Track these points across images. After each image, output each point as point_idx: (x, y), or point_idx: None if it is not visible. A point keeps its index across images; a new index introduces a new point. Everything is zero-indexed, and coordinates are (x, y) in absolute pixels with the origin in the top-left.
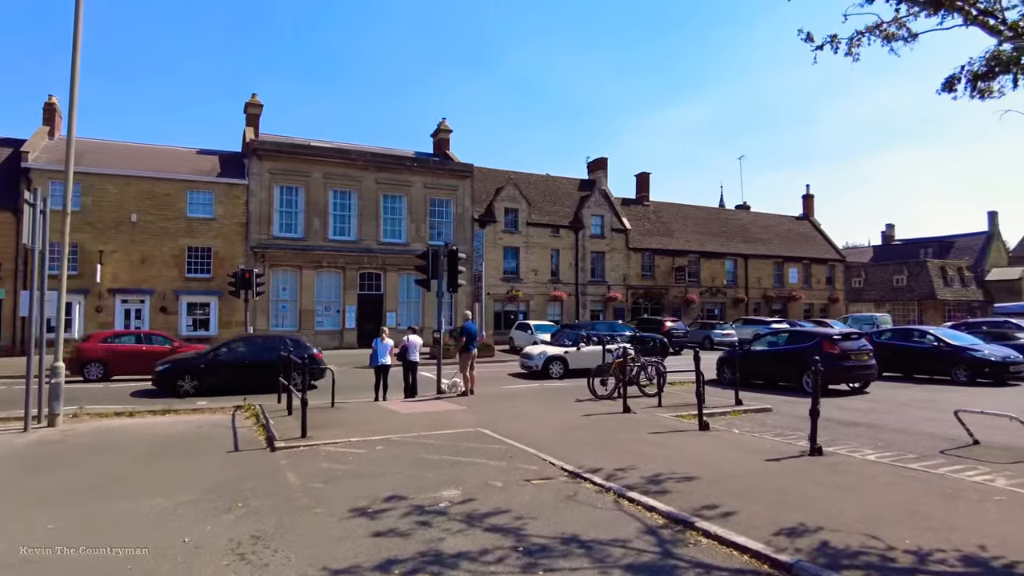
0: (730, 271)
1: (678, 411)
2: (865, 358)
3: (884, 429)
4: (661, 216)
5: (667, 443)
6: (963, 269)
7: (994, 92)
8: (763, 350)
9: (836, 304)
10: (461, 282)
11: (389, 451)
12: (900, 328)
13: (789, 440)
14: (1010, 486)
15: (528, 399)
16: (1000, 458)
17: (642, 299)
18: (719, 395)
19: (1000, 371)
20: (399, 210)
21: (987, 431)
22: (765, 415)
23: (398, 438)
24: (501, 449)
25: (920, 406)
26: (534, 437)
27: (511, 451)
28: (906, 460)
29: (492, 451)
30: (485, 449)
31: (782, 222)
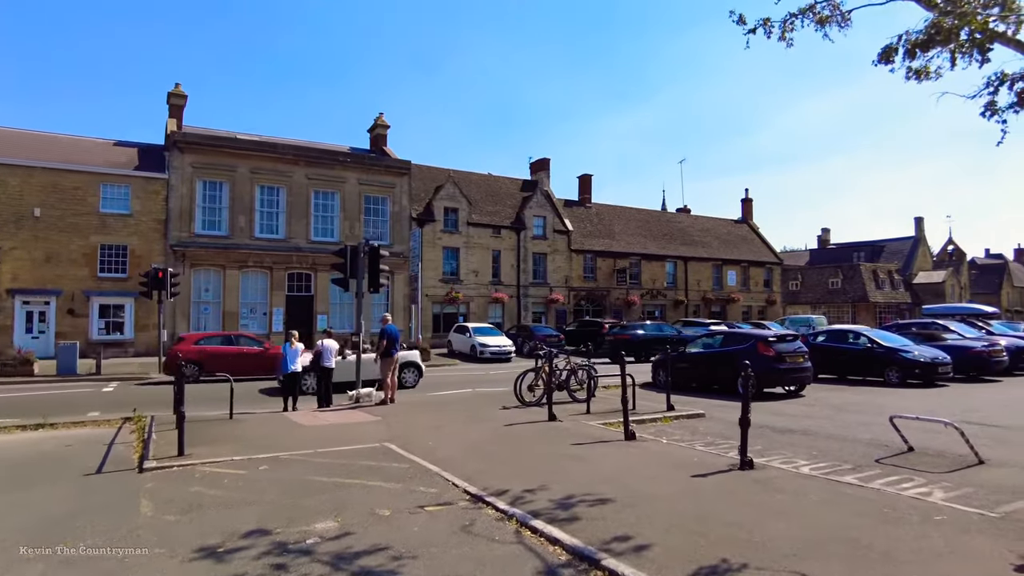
0: (670, 273)
1: (607, 418)
2: (800, 360)
3: (819, 436)
4: (603, 218)
5: (588, 456)
6: (893, 272)
7: (931, 73)
8: (698, 352)
9: (774, 306)
10: (383, 282)
11: (273, 472)
12: (835, 330)
13: (720, 450)
14: (948, 501)
15: (453, 408)
16: (935, 466)
17: (584, 301)
18: (652, 400)
19: (929, 372)
20: (331, 207)
21: (922, 436)
22: (697, 421)
23: (288, 456)
24: (402, 469)
25: (855, 410)
26: (445, 452)
27: (413, 470)
28: (841, 472)
29: (391, 471)
30: (384, 469)
31: (721, 225)
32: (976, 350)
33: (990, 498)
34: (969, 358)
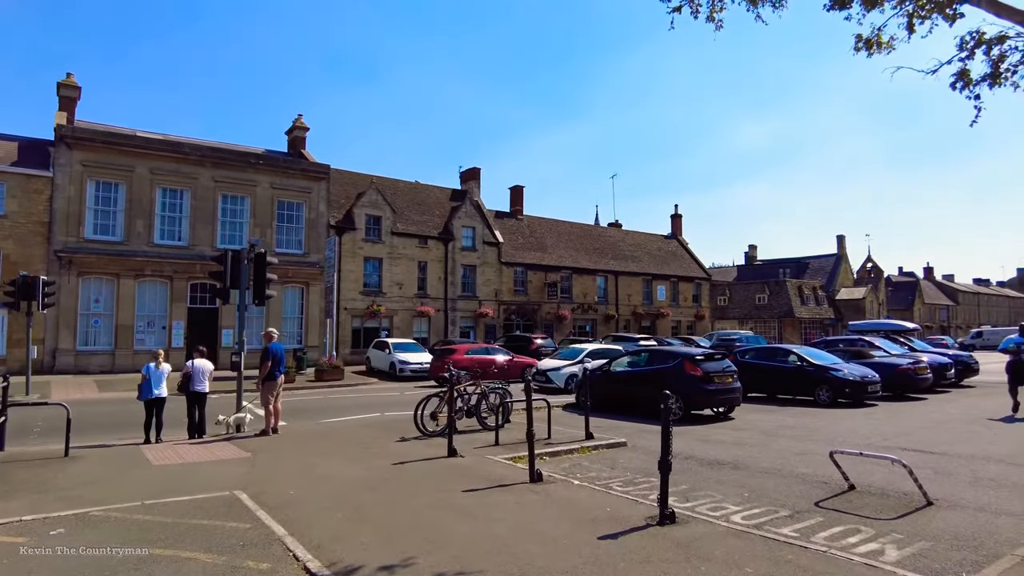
0: (601, 288)
1: (518, 451)
2: (729, 380)
3: (752, 471)
4: (535, 231)
5: (479, 509)
6: (817, 289)
7: (883, 45)
8: (623, 371)
9: (702, 321)
10: (271, 293)
11: (68, 539)
12: (764, 347)
13: (639, 492)
14: (905, 567)
15: (342, 439)
16: (881, 510)
17: (514, 315)
18: (573, 424)
19: (859, 391)
20: (241, 213)
21: (861, 469)
22: (618, 452)
23: (102, 513)
24: (240, 530)
25: (788, 435)
26: (306, 504)
27: (252, 534)
28: (779, 522)
29: (224, 535)
30: (216, 531)
31: (652, 240)
32: (903, 367)
33: (951, 557)
34: (896, 376)
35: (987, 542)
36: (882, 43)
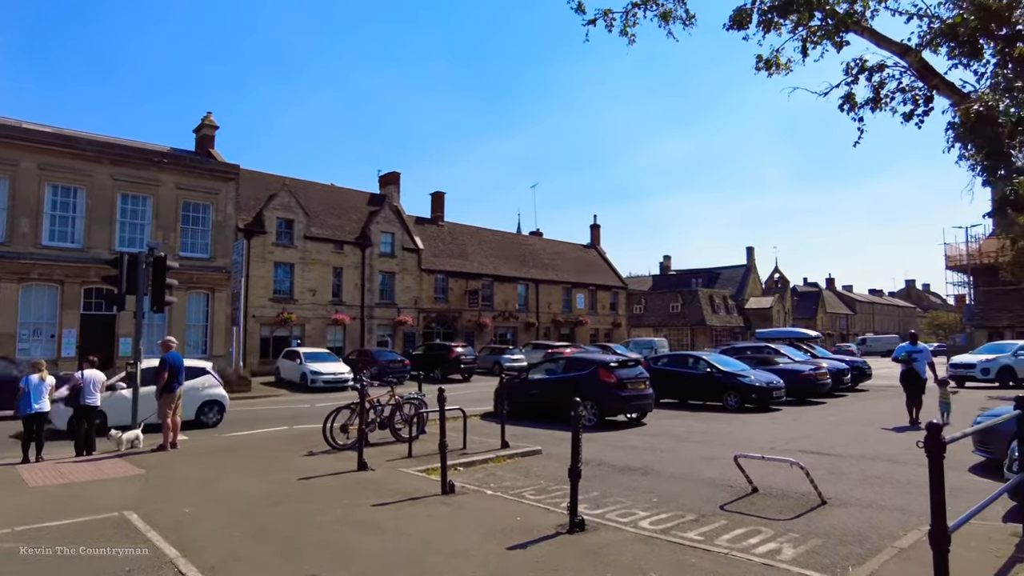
0: (522, 295)
1: (431, 462)
2: (642, 387)
3: (661, 476)
4: (456, 238)
5: (388, 523)
6: (727, 298)
7: (781, 67)
8: (540, 379)
9: (619, 328)
10: (171, 299)
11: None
12: (676, 354)
13: (551, 501)
14: (799, 564)
15: (247, 453)
16: (781, 511)
17: (435, 323)
18: (489, 433)
19: (765, 396)
20: (142, 214)
21: (764, 472)
22: (533, 460)
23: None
24: (128, 555)
25: (697, 439)
26: (203, 524)
27: (142, 558)
28: (685, 526)
29: (108, 561)
30: (101, 558)
31: (571, 250)
32: (804, 373)
33: (840, 552)
34: (799, 381)
35: (871, 536)
36: (780, 64)
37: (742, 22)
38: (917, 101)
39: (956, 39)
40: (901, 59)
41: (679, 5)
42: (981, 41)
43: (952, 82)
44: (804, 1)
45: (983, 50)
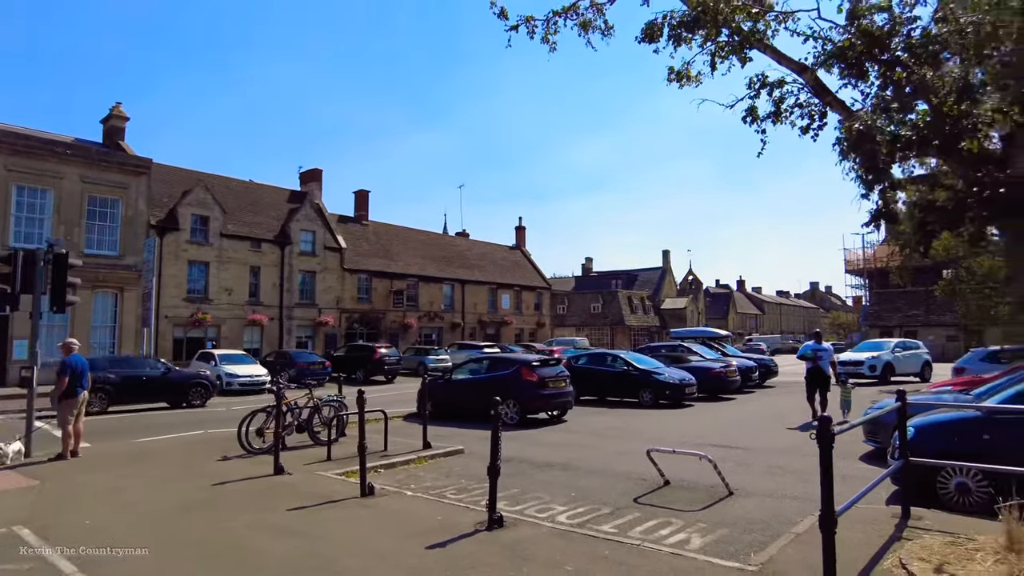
0: (448, 296)
1: (350, 465)
2: (563, 385)
3: (580, 471)
4: (381, 237)
5: (304, 527)
6: (645, 299)
7: (692, 78)
8: (464, 379)
9: (543, 329)
10: (73, 299)
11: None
12: (595, 352)
13: (472, 499)
14: (706, 552)
15: (156, 460)
16: (691, 503)
17: (357, 324)
18: (412, 435)
19: (678, 393)
20: (42, 208)
21: (676, 466)
22: (455, 459)
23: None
24: (15, 573)
25: (614, 435)
26: (106, 535)
27: (31, 573)
28: (600, 519)
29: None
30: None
31: (497, 250)
32: (715, 371)
33: (744, 540)
34: (710, 378)
35: (772, 523)
36: (691, 77)
37: (653, 36)
38: (813, 116)
39: (846, 61)
40: (799, 76)
41: (598, 16)
42: (867, 64)
43: (843, 100)
44: (710, 19)
45: (869, 72)
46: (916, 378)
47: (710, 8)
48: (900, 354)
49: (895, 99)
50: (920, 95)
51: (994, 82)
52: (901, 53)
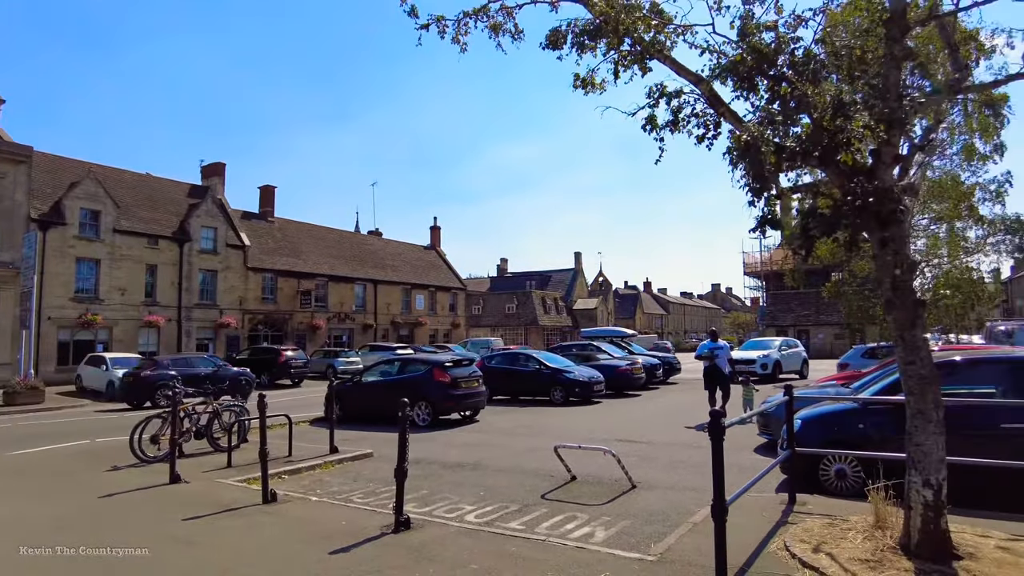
0: (360, 296)
1: (252, 472)
2: (475, 385)
3: (489, 470)
4: (288, 235)
5: (201, 537)
6: (558, 299)
7: (596, 86)
8: (375, 381)
9: (458, 329)
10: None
11: None
12: (508, 352)
13: (379, 503)
14: (609, 545)
15: (34, 473)
16: (596, 497)
17: (262, 325)
18: (319, 439)
19: (587, 390)
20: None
21: (583, 461)
22: (363, 463)
23: None
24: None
25: (525, 433)
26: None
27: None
28: (508, 516)
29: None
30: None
31: (411, 250)
32: (622, 368)
33: (645, 531)
34: (617, 376)
35: (672, 515)
36: (595, 84)
37: (557, 43)
38: (708, 126)
39: (738, 75)
40: (696, 87)
41: (508, 19)
42: (757, 78)
43: (736, 112)
44: (612, 28)
45: (759, 86)
46: (797, 375)
47: (612, 18)
48: (786, 352)
49: (781, 112)
50: (803, 109)
51: (863, 101)
52: (786, 70)
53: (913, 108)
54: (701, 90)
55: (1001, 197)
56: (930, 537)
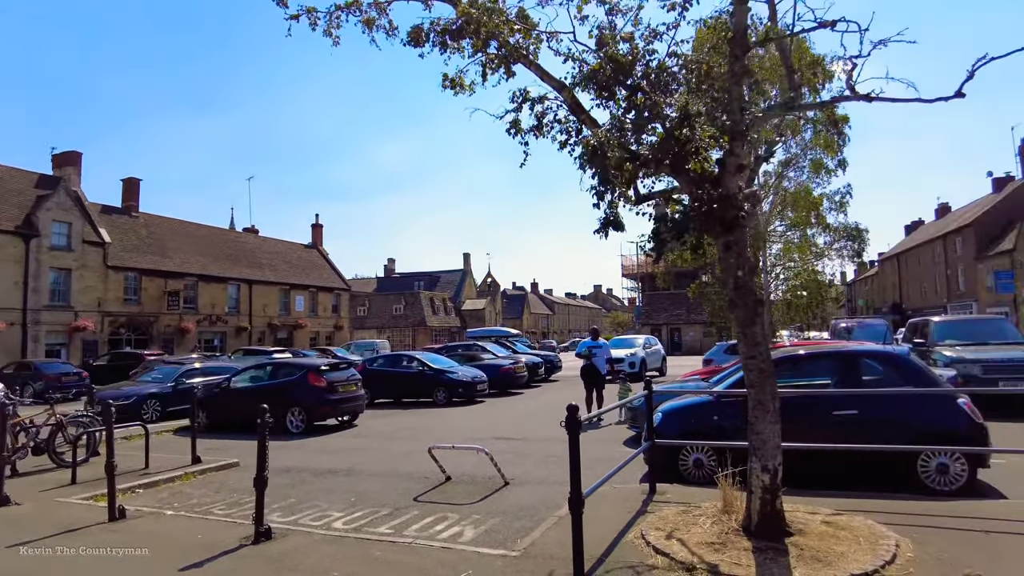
0: (233, 297)
1: (100, 488)
2: (353, 389)
3: (363, 475)
4: (154, 232)
5: (32, 563)
6: (446, 300)
7: (465, 87)
8: (246, 387)
9: (341, 331)
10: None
11: None
12: (391, 354)
13: (242, 514)
14: (476, 543)
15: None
16: (469, 496)
17: (124, 328)
18: (182, 450)
19: (470, 390)
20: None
21: (459, 461)
22: (228, 473)
23: None
24: None
25: (405, 436)
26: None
27: None
28: (377, 521)
29: None
30: None
31: (292, 249)
32: (505, 368)
33: (513, 527)
34: (500, 375)
35: (541, 509)
36: (464, 85)
37: (419, 40)
38: (570, 132)
39: (597, 83)
40: (560, 94)
41: (382, 15)
42: (615, 88)
43: (596, 119)
44: (474, 30)
45: (617, 95)
46: (658, 372)
47: (474, 19)
48: (649, 350)
49: (635, 121)
50: (655, 119)
51: (708, 113)
52: (642, 81)
53: (753, 122)
54: (564, 97)
55: (844, 207)
56: (767, 518)
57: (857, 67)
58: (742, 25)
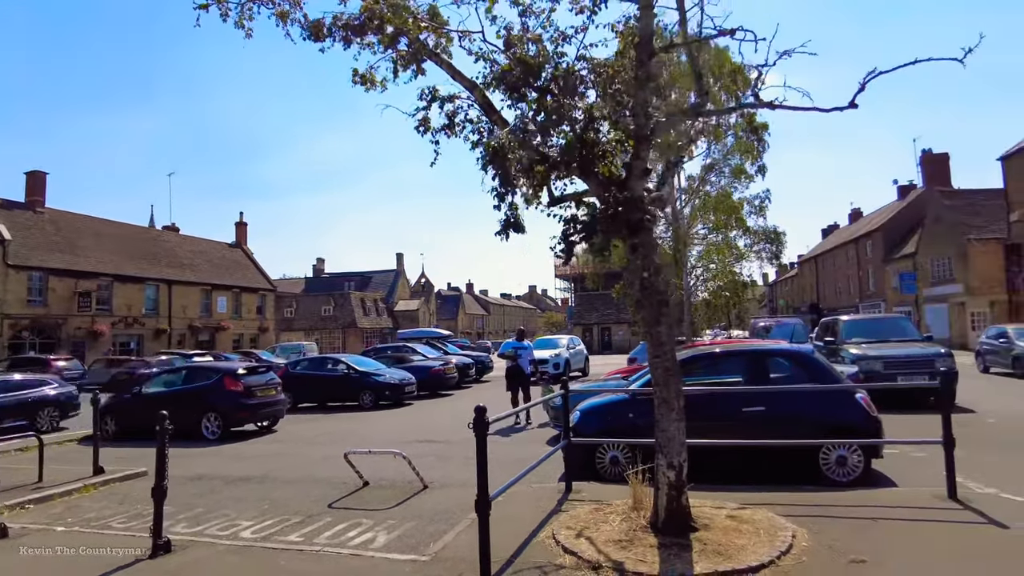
0: (151, 298)
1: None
2: (273, 393)
3: (278, 482)
4: (62, 228)
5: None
6: (378, 301)
7: (376, 83)
8: (158, 392)
9: (267, 334)
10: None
11: None
12: (315, 357)
13: (143, 527)
14: (387, 549)
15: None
16: (385, 501)
17: (28, 331)
18: (85, 460)
19: (398, 393)
20: None
21: (378, 466)
22: (134, 484)
23: None
24: None
25: (325, 441)
26: None
27: None
28: (288, 529)
29: None
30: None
31: (214, 248)
32: (435, 369)
33: (427, 531)
34: (430, 377)
35: (456, 512)
36: (375, 81)
37: (319, 34)
38: (482, 132)
39: (507, 84)
40: (471, 93)
41: (296, 8)
42: (525, 89)
43: (507, 120)
44: (377, 26)
45: (527, 96)
46: (581, 373)
47: (376, 14)
48: (573, 351)
49: (543, 123)
50: (562, 121)
51: (611, 117)
52: (550, 83)
53: (658, 127)
54: (475, 96)
55: (763, 211)
56: (673, 514)
57: (761, 75)
58: (648, 30)
